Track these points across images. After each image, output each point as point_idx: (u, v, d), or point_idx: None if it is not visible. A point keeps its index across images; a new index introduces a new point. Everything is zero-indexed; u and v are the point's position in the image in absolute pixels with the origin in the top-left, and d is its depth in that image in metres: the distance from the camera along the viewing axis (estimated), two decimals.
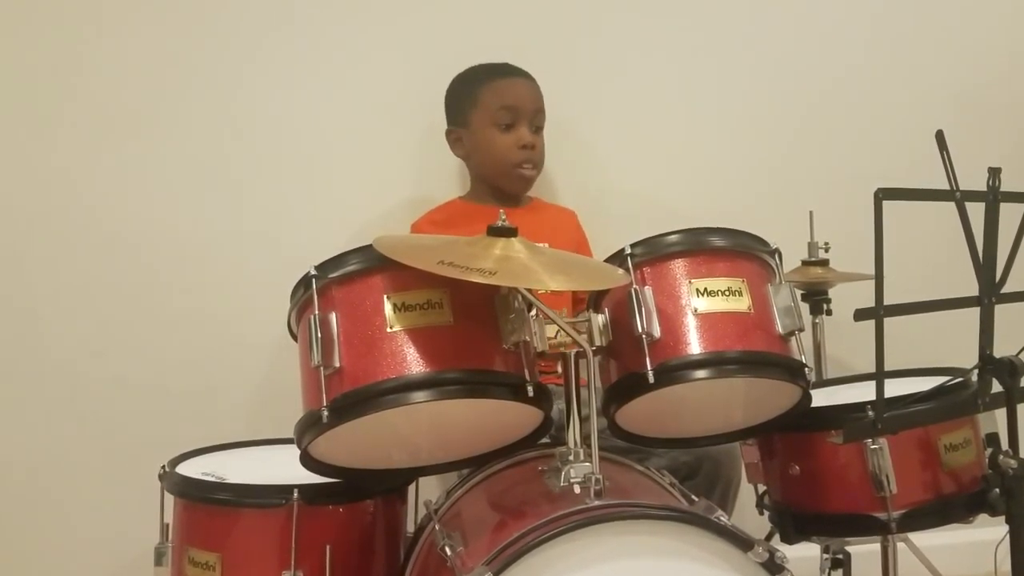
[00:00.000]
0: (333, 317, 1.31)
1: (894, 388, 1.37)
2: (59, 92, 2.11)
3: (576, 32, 2.26)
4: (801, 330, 1.40)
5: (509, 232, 1.31)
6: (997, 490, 1.45)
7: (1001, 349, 1.42)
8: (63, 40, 2.11)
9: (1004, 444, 1.49)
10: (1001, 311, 1.41)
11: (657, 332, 1.34)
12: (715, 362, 1.35)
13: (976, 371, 1.43)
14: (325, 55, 2.20)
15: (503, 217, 1.33)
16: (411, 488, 1.59)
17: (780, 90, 2.35)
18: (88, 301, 2.11)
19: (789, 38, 2.36)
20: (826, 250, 2.02)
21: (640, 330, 1.33)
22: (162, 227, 2.13)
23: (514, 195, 2.09)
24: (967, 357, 1.44)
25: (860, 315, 1.29)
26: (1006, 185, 1.40)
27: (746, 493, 1.79)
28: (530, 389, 1.31)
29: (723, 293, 1.38)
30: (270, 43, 2.18)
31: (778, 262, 1.45)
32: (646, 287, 1.37)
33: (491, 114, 2.01)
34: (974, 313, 1.41)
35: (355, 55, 2.20)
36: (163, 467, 1.56)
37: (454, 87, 2.09)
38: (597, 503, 1.25)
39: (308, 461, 1.38)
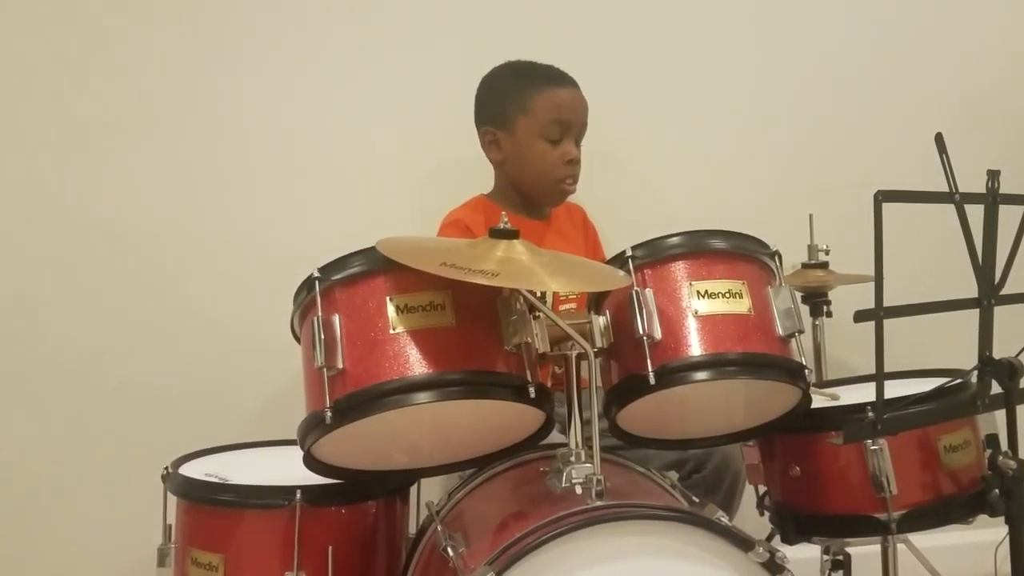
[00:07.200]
0: (336, 319, 1.31)
1: (894, 389, 1.38)
2: (60, 95, 2.11)
3: (580, 38, 2.27)
4: (801, 332, 1.40)
5: (511, 234, 1.32)
6: (997, 491, 1.46)
7: (1000, 350, 1.42)
8: (57, 42, 2.11)
9: (1004, 445, 1.50)
10: (1000, 312, 1.41)
11: (658, 334, 1.35)
12: (715, 364, 1.36)
13: (975, 372, 1.43)
14: (327, 57, 2.20)
15: (505, 220, 1.34)
16: (413, 489, 1.60)
17: (780, 94, 2.36)
18: (90, 304, 2.11)
19: (789, 43, 2.37)
20: (826, 253, 2.02)
21: (641, 332, 1.34)
22: (165, 229, 2.13)
23: (544, 206, 2.05)
24: (966, 358, 1.45)
25: (860, 317, 1.30)
26: (1005, 187, 1.41)
27: (747, 494, 1.80)
28: (532, 390, 1.31)
29: (723, 295, 1.38)
30: (273, 46, 2.18)
31: (778, 264, 1.45)
32: (647, 289, 1.37)
33: (542, 125, 1.92)
34: (973, 315, 1.42)
35: (357, 56, 2.21)
36: (166, 468, 1.57)
37: (498, 85, 1.99)
38: (598, 504, 1.25)
39: (311, 462, 1.38)
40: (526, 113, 1.93)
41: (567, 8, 2.28)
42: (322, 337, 1.30)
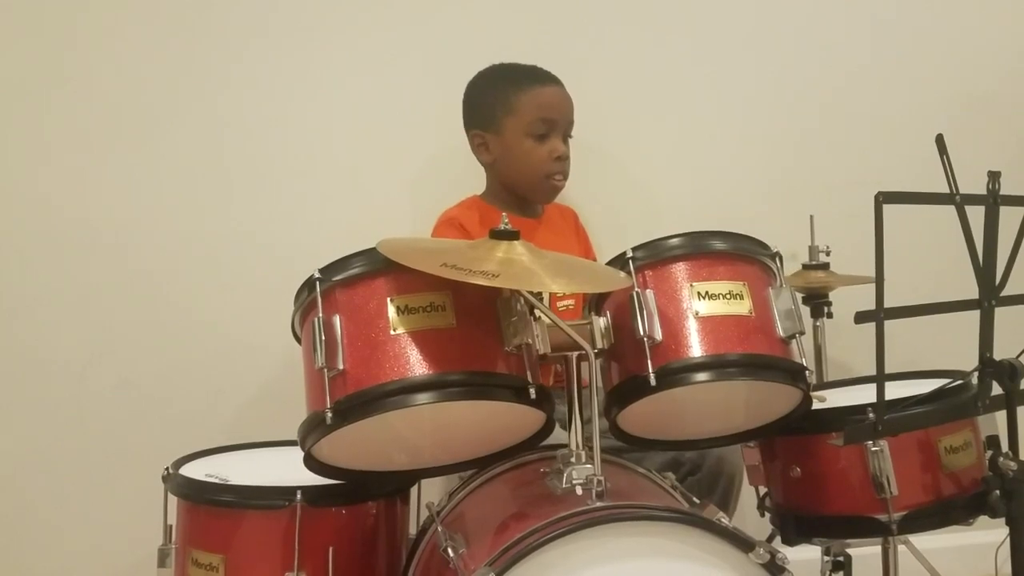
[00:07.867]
0: (337, 319, 1.31)
1: (894, 390, 1.38)
2: (60, 94, 2.11)
3: (579, 39, 2.26)
4: (802, 333, 1.40)
5: (511, 235, 1.32)
6: (997, 492, 1.45)
7: (1001, 351, 1.43)
8: (60, 42, 2.11)
9: (1004, 446, 1.50)
10: (1001, 314, 1.41)
11: (659, 335, 1.35)
12: (716, 365, 1.36)
13: (976, 373, 1.43)
14: (326, 58, 2.20)
15: (505, 221, 1.34)
16: (413, 490, 1.59)
17: (781, 94, 2.35)
18: (91, 304, 2.11)
19: (790, 43, 2.37)
20: (827, 254, 2.02)
21: (642, 333, 1.34)
22: (166, 230, 2.13)
23: (536, 203, 2.05)
24: (967, 360, 1.45)
25: (861, 318, 1.30)
26: (1006, 189, 1.41)
27: (747, 495, 1.80)
28: (532, 391, 1.31)
29: (724, 296, 1.38)
30: (272, 47, 2.18)
31: (779, 265, 1.45)
32: (648, 290, 1.37)
33: (527, 124, 1.93)
34: (974, 316, 1.42)
35: (356, 56, 2.20)
36: (167, 469, 1.57)
37: (483, 88, 2.01)
38: (599, 504, 1.26)
39: (311, 463, 1.38)
40: (512, 113, 1.95)
41: (563, 9, 2.27)
42: (323, 338, 1.30)
